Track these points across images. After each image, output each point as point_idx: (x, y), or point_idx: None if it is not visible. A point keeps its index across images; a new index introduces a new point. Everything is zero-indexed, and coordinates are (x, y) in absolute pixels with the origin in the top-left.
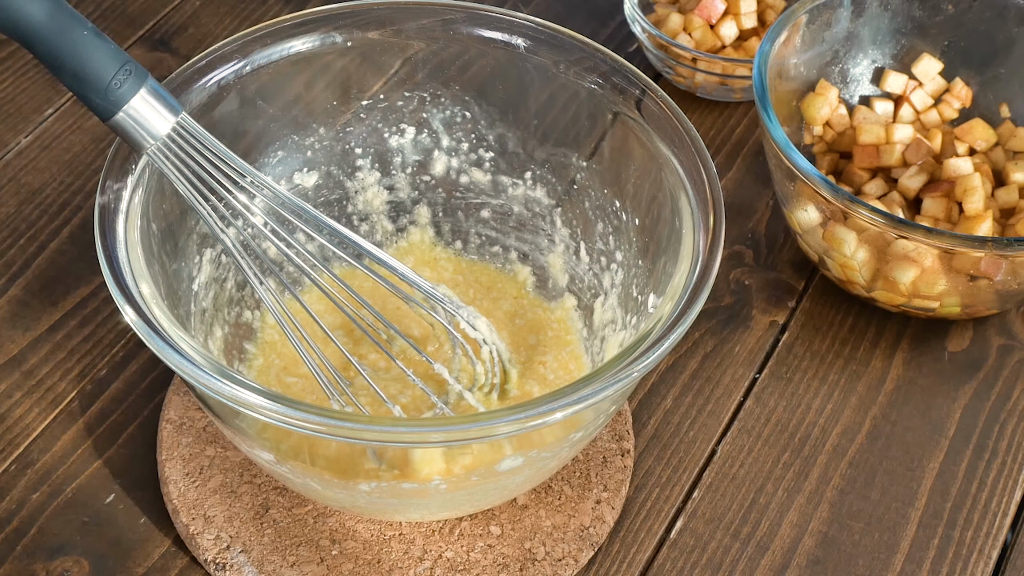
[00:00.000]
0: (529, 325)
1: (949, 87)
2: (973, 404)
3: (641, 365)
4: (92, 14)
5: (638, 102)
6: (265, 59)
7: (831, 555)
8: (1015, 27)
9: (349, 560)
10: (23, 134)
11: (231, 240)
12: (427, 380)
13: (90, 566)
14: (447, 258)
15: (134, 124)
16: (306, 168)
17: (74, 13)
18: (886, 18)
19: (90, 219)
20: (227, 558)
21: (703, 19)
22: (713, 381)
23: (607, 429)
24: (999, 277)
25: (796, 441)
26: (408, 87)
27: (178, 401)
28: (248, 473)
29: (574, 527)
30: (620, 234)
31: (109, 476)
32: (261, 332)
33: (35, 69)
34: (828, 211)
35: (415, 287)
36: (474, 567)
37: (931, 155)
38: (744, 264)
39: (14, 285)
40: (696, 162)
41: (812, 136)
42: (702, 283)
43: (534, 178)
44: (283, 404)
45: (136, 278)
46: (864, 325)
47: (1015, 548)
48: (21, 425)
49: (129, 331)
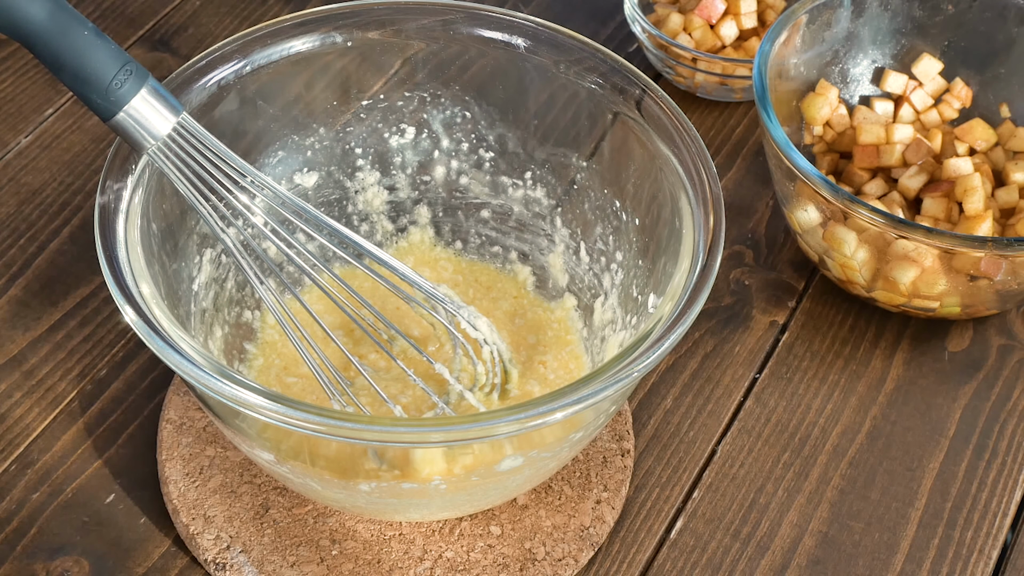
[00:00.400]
0: (529, 325)
1: (949, 87)
2: (973, 404)
3: (641, 365)
4: (92, 14)
5: (638, 102)
6: (265, 59)
7: (831, 555)
8: (1015, 27)
9: (349, 560)
10: (23, 134)
11: (231, 240)
12: (428, 380)
13: (90, 566)
14: (447, 258)
15: (135, 124)
16: (306, 168)
17: (75, 13)
18: (886, 18)
19: (90, 219)
20: (227, 558)
21: (703, 19)
22: (713, 381)
23: (607, 429)
24: (999, 277)
25: (796, 441)
26: (408, 87)
27: (178, 401)
28: (248, 473)
29: (574, 527)
30: (620, 234)
31: (109, 476)
32: (261, 332)
33: (35, 69)
34: (828, 211)
35: (416, 287)
36: (474, 567)
37: (931, 155)
38: (744, 264)
39: (14, 285)
40: (696, 162)
41: (812, 136)
42: (702, 283)
43: (534, 178)
44: (283, 404)
45: (136, 278)
46: (864, 325)
47: (1015, 548)
48: (21, 425)
49: (129, 331)
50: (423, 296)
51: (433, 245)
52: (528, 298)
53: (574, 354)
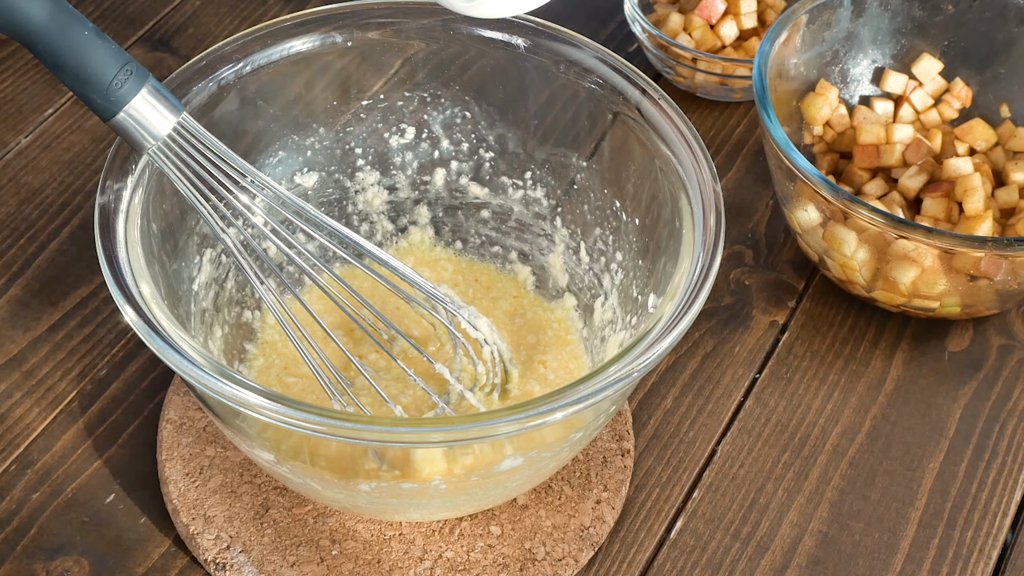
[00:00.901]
0: (529, 325)
1: (949, 87)
2: (973, 404)
3: (641, 365)
4: (92, 14)
5: (638, 102)
6: (265, 59)
7: (831, 555)
8: (1015, 27)
9: (349, 560)
10: (23, 134)
11: (232, 240)
12: (428, 380)
13: (90, 566)
14: (447, 258)
15: (135, 124)
16: (306, 168)
17: (75, 13)
18: (886, 18)
19: (90, 219)
20: (227, 558)
21: (703, 19)
22: (713, 381)
23: (607, 429)
24: (999, 277)
25: (796, 441)
26: (408, 87)
27: (178, 401)
28: (248, 473)
29: (574, 527)
30: (620, 234)
31: (109, 476)
32: (261, 332)
33: (35, 69)
34: (828, 211)
35: (416, 287)
36: (474, 567)
37: (931, 155)
38: (744, 264)
39: (14, 285)
40: (696, 162)
41: (812, 136)
42: (702, 283)
43: (534, 178)
44: (283, 404)
45: (136, 278)
46: (864, 325)
47: (1015, 548)
48: (21, 425)
49: (129, 331)
50: (423, 296)
51: (433, 245)
52: (528, 298)
53: (574, 354)
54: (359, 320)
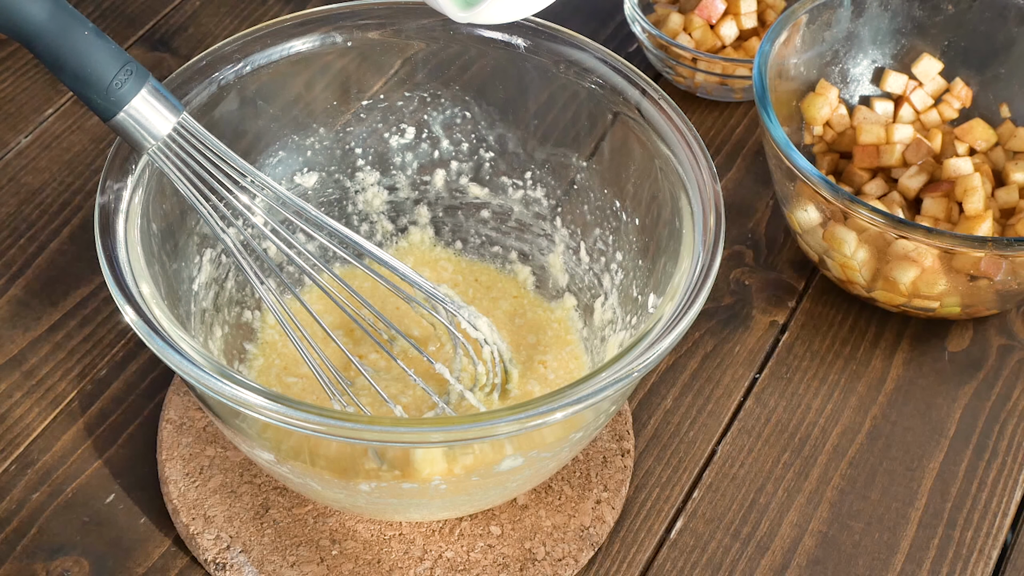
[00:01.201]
0: (529, 325)
1: (949, 87)
2: (973, 404)
3: (641, 365)
4: (92, 14)
5: (638, 102)
6: (265, 59)
7: (831, 555)
8: (1015, 27)
9: (349, 560)
10: (23, 134)
11: (232, 240)
12: (428, 380)
13: (90, 566)
14: (447, 258)
15: (135, 124)
16: (306, 168)
17: (75, 13)
18: (886, 18)
19: (90, 219)
20: (227, 558)
21: (703, 19)
22: (713, 381)
23: (607, 429)
24: (999, 277)
25: (796, 441)
26: (408, 87)
27: (178, 401)
28: (248, 473)
29: (574, 527)
30: (620, 234)
31: (109, 476)
32: (261, 332)
33: (35, 69)
34: (828, 211)
35: (416, 287)
36: (474, 567)
37: (931, 155)
38: (744, 264)
39: (14, 285)
40: (696, 162)
41: (812, 136)
42: (702, 283)
43: (534, 178)
44: (283, 404)
45: (136, 278)
46: (864, 325)
47: (1015, 548)
48: (21, 425)
49: (129, 331)
50: (423, 296)
51: (433, 245)
52: (528, 298)
53: (574, 354)
54: (359, 320)
